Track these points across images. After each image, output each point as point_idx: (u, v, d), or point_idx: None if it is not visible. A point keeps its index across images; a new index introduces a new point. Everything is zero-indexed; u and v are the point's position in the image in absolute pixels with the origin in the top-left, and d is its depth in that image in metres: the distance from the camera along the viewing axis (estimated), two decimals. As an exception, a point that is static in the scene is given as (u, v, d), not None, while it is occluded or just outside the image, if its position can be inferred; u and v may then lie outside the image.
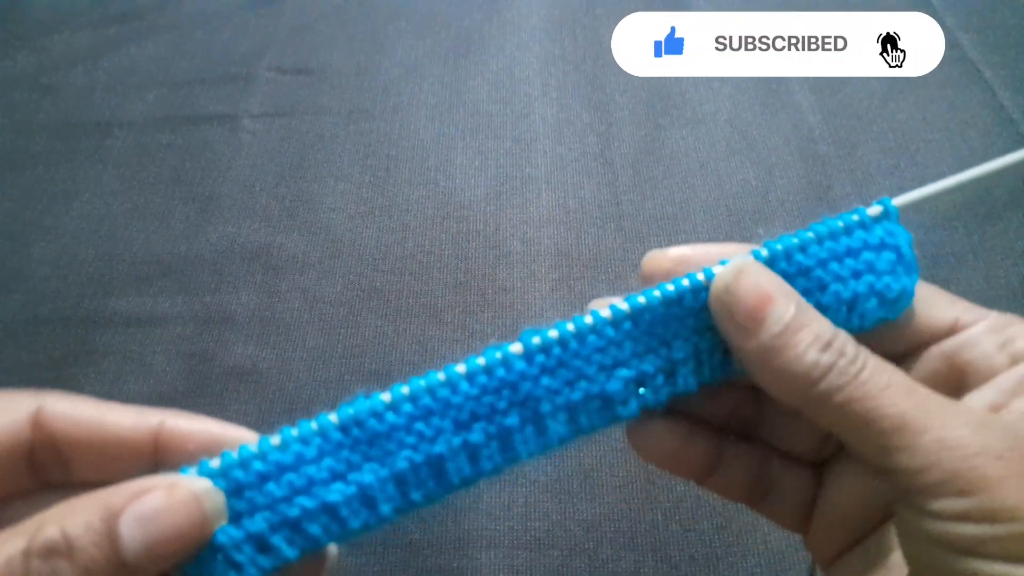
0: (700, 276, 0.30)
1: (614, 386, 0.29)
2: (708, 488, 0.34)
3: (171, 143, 0.80)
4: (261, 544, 0.27)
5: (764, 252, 0.30)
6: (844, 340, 0.27)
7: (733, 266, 0.29)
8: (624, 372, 0.29)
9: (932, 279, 0.32)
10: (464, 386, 0.28)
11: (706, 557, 0.54)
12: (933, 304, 0.30)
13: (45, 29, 0.92)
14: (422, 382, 0.28)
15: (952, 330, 0.29)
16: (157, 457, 0.28)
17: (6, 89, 0.86)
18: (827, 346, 0.26)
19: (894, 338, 0.28)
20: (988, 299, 0.31)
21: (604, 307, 0.30)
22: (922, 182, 0.73)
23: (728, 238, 0.58)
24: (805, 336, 0.26)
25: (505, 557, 0.54)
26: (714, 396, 0.33)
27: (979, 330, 0.29)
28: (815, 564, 0.36)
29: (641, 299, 0.29)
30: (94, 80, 0.87)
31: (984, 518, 0.23)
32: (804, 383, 0.26)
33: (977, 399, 0.28)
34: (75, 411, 0.28)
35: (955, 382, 0.28)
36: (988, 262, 0.66)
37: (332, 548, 0.29)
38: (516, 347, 0.29)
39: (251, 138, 0.80)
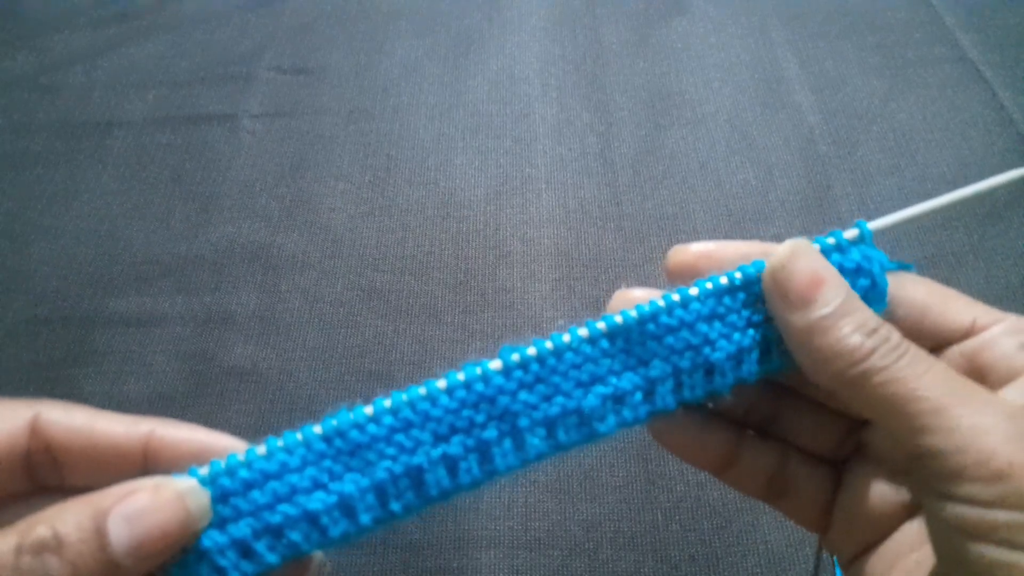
0: (675, 296, 0.30)
1: (591, 402, 0.30)
2: (726, 482, 0.35)
3: (171, 143, 0.80)
4: (244, 550, 0.28)
5: (738, 275, 0.30)
6: (889, 329, 0.28)
7: (789, 246, 0.29)
8: (601, 389, 0.30)
9: (932, 279, 0.32)
10: (443, 399, 0.29)
11: (706, 557, 0.54)
12: (952, 305, 0.30)
13: (45, 29, 0.92)
14: (403, 395, 0.29)
15: (971, 331, 0.30)
16: (147, 464, 0.29)
17: (6, 89, 0.86)
18: (872, 332, 0.27)
19: (914, 338, 0.29)
20: (988, 299, 0.31)
21: (630, 302, 0.31)
22: (922, 182, 0.74)
23: (729, 238, 0.58)
24: (851, 320, 0.27)
25: (505, 557, 0.55)
26: (736, 390, 0.33)
27: (998, 331, 0.29)
28: (820, 554, 0.36)
29: (617, 318, 0.30)
30: (93, 80, 0.87)
31: (1017, 505, 0.23)
32: (845, 363, 0.27)
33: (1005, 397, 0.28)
34: (69, 419, 0.29)
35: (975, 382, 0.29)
36: (988, 262, 0.66)
37: (317, 555, 0.30)
38: (495, 363, 0.29)
39: (251, 138, 0.80)
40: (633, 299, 0.32)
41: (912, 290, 0.31)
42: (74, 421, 0.29)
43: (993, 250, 0.67)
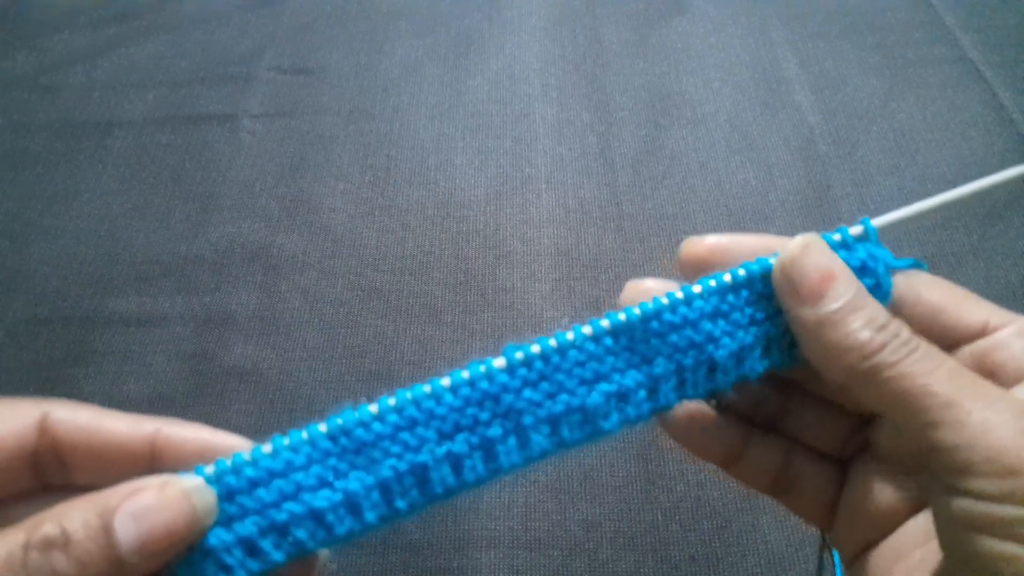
0: (679, 294, 0.30)
1: (595, 400, 0.30)
2: (733, 476, 0.35)
3: (171, 143, 0.80)
4: (250, 547, 0.28)
5: (742, 272, 0.30)
6: (899, 325, 0.28)
7: (800, 241, 0.29)
8: (605, 386, 0.30)
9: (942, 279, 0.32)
10: (448, 398, 0.29)
11: (706, 557, 0.54)
12: (963, 306, 0.30)
13: (45, 29, 0.92)
14: (408, 394, 0.29)
15: (982, 332, 0.30)
16: (153, 462, 0.30)
17: (6, 89, 0.86)
18: (882, 327, 0.27)
19: (926, 337, 0.29)
20: (988, 299, 0.31)
21: (636, 299, 0.31)
22: (922, 182, 0.74)
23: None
24: (862, 316, 0.28)
25: (505, 557, 0.55)
26: (739, 387, 0.33)
27: (1009, 332, 0.29)
28: (823, 552, 0.36)
29: (621, 315, 0.30)
30: (94, 80, 0.87)
31: None
32: (856, 357, 0.27)
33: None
34: (75, 418, 0.29)
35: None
36: (988, 262, 0.66)
37: (323, 553, 0.30)
38: (499, 361, 0.29)
39: (251, 138, 0.80)
40: (644, 289, 0.32)
41: (926, 290, 0.31)
42: (80, 420, 0.29)
43: (993, 250, 0.67)
